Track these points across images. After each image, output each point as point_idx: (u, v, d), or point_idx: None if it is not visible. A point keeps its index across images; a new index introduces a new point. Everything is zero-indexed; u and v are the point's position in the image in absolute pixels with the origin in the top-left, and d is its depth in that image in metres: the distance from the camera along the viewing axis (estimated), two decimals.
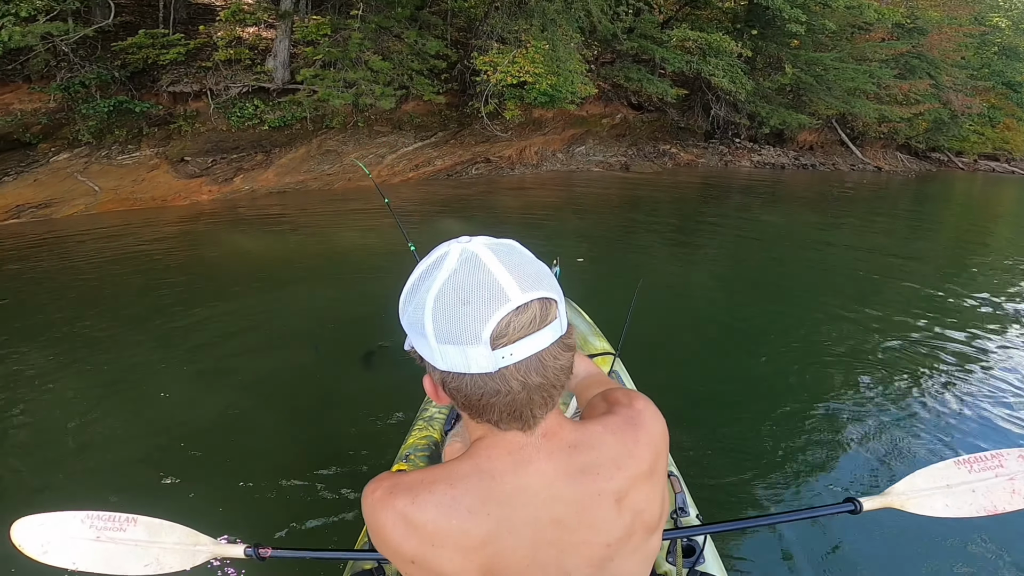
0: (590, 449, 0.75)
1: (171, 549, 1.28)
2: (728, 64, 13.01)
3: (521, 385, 0.66)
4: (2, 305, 4.78)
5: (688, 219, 9.06)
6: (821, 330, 4.55)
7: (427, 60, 9.27)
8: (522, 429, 0.71)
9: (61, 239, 7.17)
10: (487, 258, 0.65)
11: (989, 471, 1.29)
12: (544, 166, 12.25)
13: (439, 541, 0.71)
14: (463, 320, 0.63)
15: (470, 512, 0.71)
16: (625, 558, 0.78)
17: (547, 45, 9.35)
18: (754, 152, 15.31)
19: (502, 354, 0.64)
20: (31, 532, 1.25)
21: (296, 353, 3.81)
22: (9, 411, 3.15)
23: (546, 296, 0.66)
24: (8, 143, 8.08)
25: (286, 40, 8.17)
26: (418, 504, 0.71)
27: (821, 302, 5.23)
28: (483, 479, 0.72)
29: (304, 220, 8.17)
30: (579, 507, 0.74)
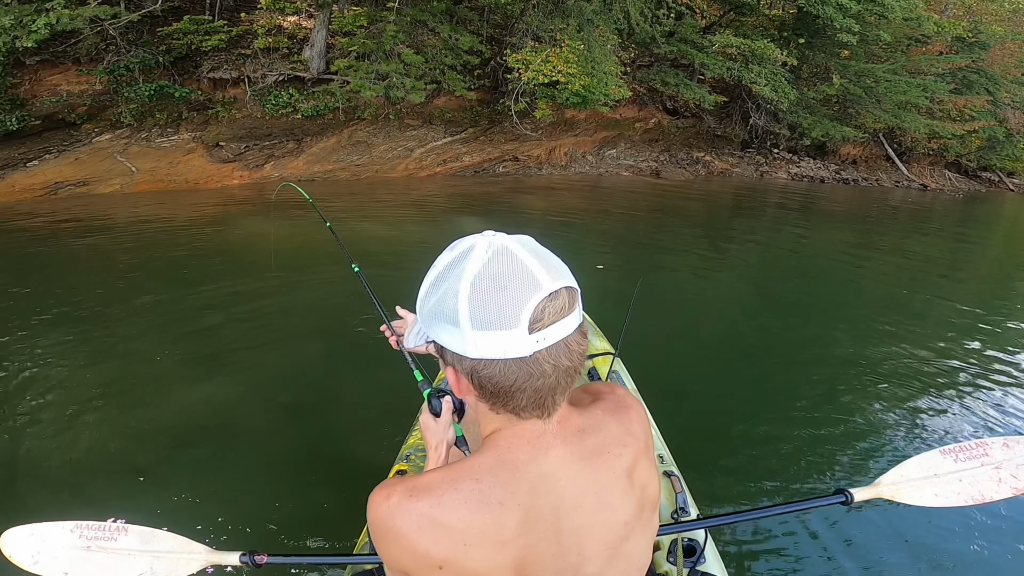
0: (596, 431, 0.79)
1: (164, 558, 1.27)
2: (771, 72, 12.74)
3: (553, 368, 0.69)
4: (12, 287, 4.99)
5: (718, 229, 8.94)
6: (827, 337, 4.60)
7: (460, 55, 9.36)
8: (541, 417, 0.74)
9: (93, 217, 7.47)
10: (517, 249, 0.69)
11: (975, 460, 1.32)
12: (572, 168, 12.24)
13: (472, 539, 0.71)
14: (502, 305, 0.66)
15: (501, 505, 0.71)
16: (637, 537, 0.82)
17: (582, 45, 9.33)
18: (792, 164, 14.97)
19: (536, 338, 0.67)
20: (21, 543, 1.25)
21: (299, 349, 3.82)
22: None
23: (571, 285, 0.70)
24: (53, 123, 8.50)
25: (323, 30, 8.38)
26: (445, 503, 0.71)
27: (841, 315, 5.20)
28: (507, 470, 0.73)
29: (328, 210, 8.35)
30: (597, 488, 0.77)
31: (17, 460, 2.73)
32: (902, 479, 1.34)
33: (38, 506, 2.40)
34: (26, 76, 8.02)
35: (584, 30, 9.62)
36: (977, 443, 1.34)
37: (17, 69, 7.85)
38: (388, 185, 9.91)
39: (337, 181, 9.94)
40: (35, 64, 7.96)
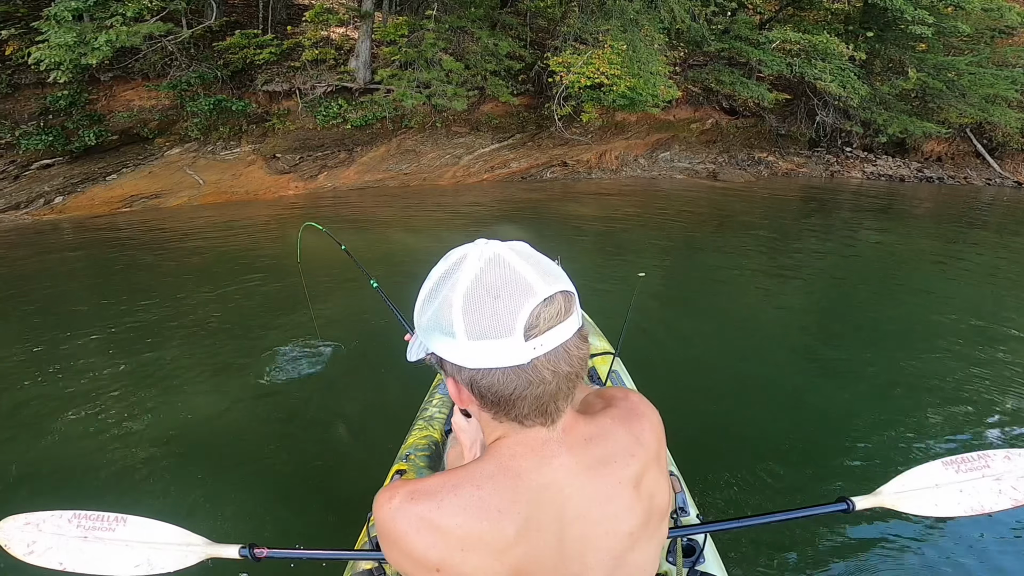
0: (604, 440, 0.79)
1: (162, 549, 1.27)
2: (837, 67, 12.16)
3: (552, 374, 0.69)
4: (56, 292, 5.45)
5: (783, 234, 8.50)
6: (845, 346, 4.41)
7: (502, 61, 9.50)
8: (545, 424, 0.73)
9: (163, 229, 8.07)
10: (509, 257, 0.69)
11: (976, 472, 1.34)
12: (624, 172, 12.08)
13: (469, 545, 0.71)
14: (495, 314, 0.66)
15: (500, 512, 0.72)
16: (643, 547, 0.81)
17: (625, 46, 9.23)
18: (867, 162, 14.11)
19: (534, 345, 0.67)
20: (16, 532, 1.25)
21: (304, 354, 3.93)
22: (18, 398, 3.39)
23: (567, 289, 0.70)
24: (129, 137, 9.29)
25: (367, 40, 8.76)
26: (444, 508, 0.72)
27: (905, 329, 4.85)
28: (509, 478, 0.73)
29: (377, 219, 8.62)
30: (602, 499, 0.77)
31: (26, 455, 2.86)
32: (903, 488, 1.35)
33: (39, 498, 2.47)
34: (102, 92, 8.83)
35: (628, 30, 9.53)
36: (979, 455, 1.35)
37: (93, 85, 8.66)
38: (436, 193, 10.14)
39: (387, 190, 10.28)
40: (109, 80, 8.75)
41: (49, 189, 8.74)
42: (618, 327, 2.34)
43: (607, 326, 3.05)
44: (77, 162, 8.90)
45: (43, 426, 3.15)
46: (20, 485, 2.72)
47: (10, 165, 8.43)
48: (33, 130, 8.18)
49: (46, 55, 6.38)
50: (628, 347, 3.12)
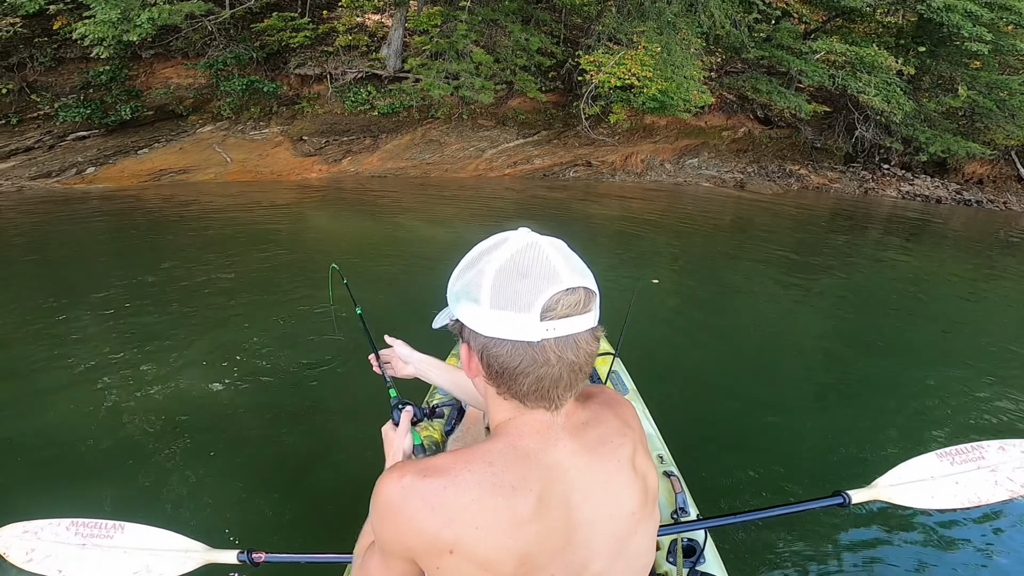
0: (598, 423, 0.83)
1: (161, 555, 1.28)
2: (883, 81, 11.85)
3: (557, 359, 0.73)
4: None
5: (806, 250, 8.34)
6: (836, 341, 4.49)
7: (533, 56, 9.47)
8: (548, 409, 0.77)
9: (188, 203, 8.27)
10: (545, 246, 0.75)
11: (971, 463, 1.35)
12: (648, 176, 11.97)
13: (484, 522, 0.72)
14: (519, 290, 0.72)
15: (514, 488, 0.73)
16: (643, 531, 0.84)
17: (659, 48, 9.13)
18: (904, 181, 13.71)
19: (547, 327, 0.71)
20: (15, 540, 1.26)
21: (310, 355, 3.91)
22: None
23: (590, 287, 0.75)
24: (164, 113, 9.56)
25: (400, 28, 8.84)
26: (459, 483, 0.72)
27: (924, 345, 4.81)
28: (519, 456, 0.76)
29: (394, 205, 8.72)
30: (605, 478, 0.80)
31: (18, 452, 2.85)
32: (899, 481, 1.37)
33: (34, 501, 2.46)
34: (142, 69, 9.09)
35: (664, 33, 9.41)
36: (973, 446, 1.36)
37: (134, 62, 8.92)
38: (456, 185, 10.21)
39: (407, 179, 10.39)
40: (150, 58, 9.01)
41: (82, 160, 9.06)
42: (632, 329, 2.37)
43: (612, 329, 3.00)
44: (112, 135, 9.21)
45: (37, 406, 3.18)
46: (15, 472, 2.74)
47: (46, 135, 8.76)
48: (72, 103, 8.47)
49: (91, 30, 6.61)
50: (636, 350, 3.20)
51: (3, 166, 8.59)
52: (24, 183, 8.67)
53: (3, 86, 7.92)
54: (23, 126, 8.59)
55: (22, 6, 6.91)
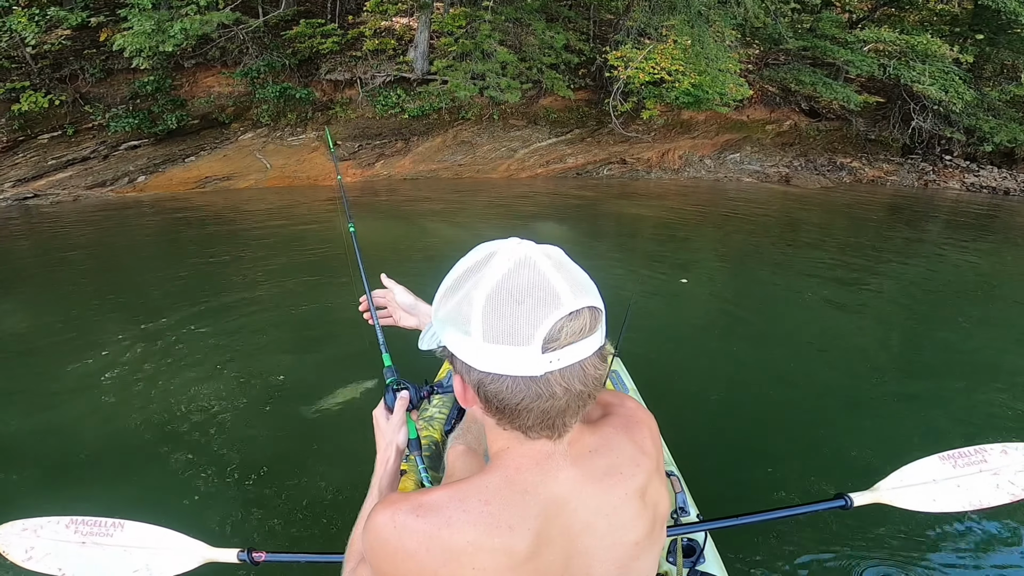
0: (609, 451, 0.78)
1: (160, 554, 1.28)
2: (940, 70, 11.30)
3: (564, 391, 0.66)
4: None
5: (857, 246, 7.88)
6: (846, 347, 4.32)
7: (560, 54, 9.44)
8: (551, 438, 0.72)
9: (231, 209, 8.65)
10: (540, 261, 0.66)
11: (973, 466, 1.35)
12: (686, 172, 11.72)
13: (480, 563, 0.69)
14: (516, 320, 0.64)
15: (511, 528, 0.70)
16: (646, 555, 0.81)
17: (689, 41, 8.93)
18: (969, 172, 12.90)
19: (550, 358, 0.64)
20: (14, 537, 1.27)
21: (312, 351, 3.99)
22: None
23: (595, 305, 0.68)
24: (208, 121, 10.04)
25: (426, 31, 9.00)
26: (454, 525, 0.69)
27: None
28: (516, 492, 0.72)
29: (425, 208, 8.85)
30: (609, 510, 0.76)
31: (26, 444, 2.96)
32: (901, 484, 1.37)
33: (33, 499, 2.54)
34: (185, 78, 9.58)
35: (695, 25, 9.20)
36: (976, 449, 1.36)
37: (178, 72, 9.41)
38: (487, 186, 10.30)
39: (439, 181, 10.55)
40: (192, 67, 9.50)
41: (133, 169, 9.63)
42: (641, 328, 2.35)
43: (633, 326, 3.01)
44: (160, 144, 9.74)
45: (53, 401, 3.34)
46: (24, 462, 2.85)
47: (101, 145, 9.35)
48: (122, 113, 9.00)
49: (128, 41, 7.04)
50: (647, 349, 3.29)
51: (61, 176, 9.22)
52: (80, 192, 9.29)
53: (57, 97, 8.48)
54: (79, 137, 9.19)
55: (65, 19, 7.41)
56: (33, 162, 9.07)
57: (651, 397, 2.32)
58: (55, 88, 8.72)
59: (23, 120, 8.60)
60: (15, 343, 4.23)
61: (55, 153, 9.21)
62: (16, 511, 1.36)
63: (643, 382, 2.49)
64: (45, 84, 8.68)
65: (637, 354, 3.30)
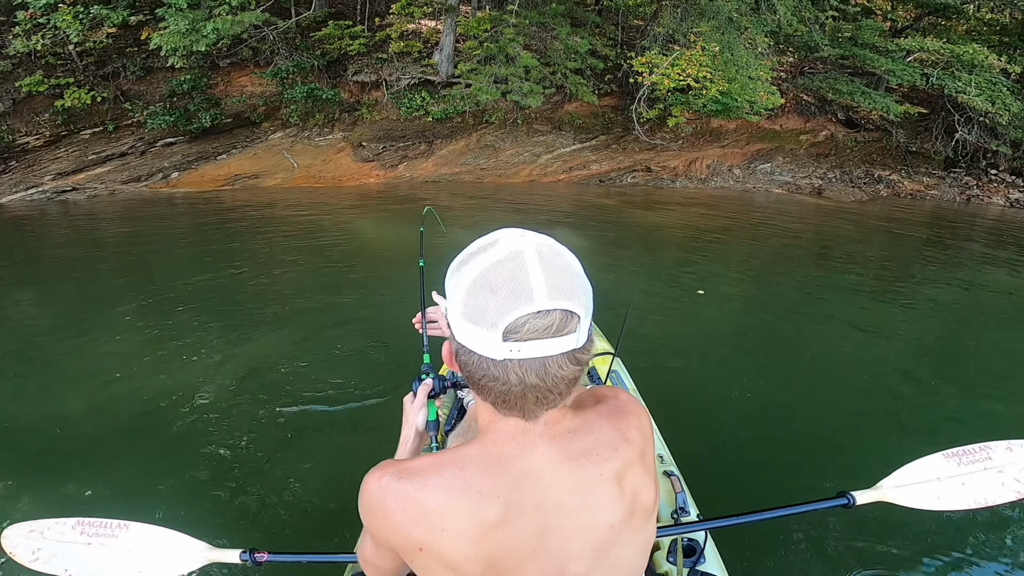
0: (587, 434, 0.82)
1: (164, 555, 1.31)
2: (987, 81, 10.86)
3: (518, 380, 0.72)
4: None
5: (889, 262, 7.64)
6: (840, 340, 4.34)
7: (584, 59, 9.43)
8: (522, 417, 0.78)
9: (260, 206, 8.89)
10: (530, 259, 0.71)
11: (978, 463, 1.33)
12: (713, 181, 11.54)
13: (450, 524, 0.76)
14: (488, 307, 0.70)
15: (480, 494, 0.77)
16: (626, 542, 0.84)
17: (717, 47, 8.81)
18: (1014, 188, 12.35)
19: (510, 347, 0.70)
20: (21, 539, 1.29)
21: (321, 349, 4.05)
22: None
23: (570, 309, 0.71)
24: (240, 120, 10.38)
25: (451, 34, 9.12)
26: (429, 487, 0.77)
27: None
28: (491, 462, 0.78)
29: (445, 212, 8.90)
30: (583, 489, 0.80)
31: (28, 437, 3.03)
32: (904, 482, 1.36)
33: (39, 499, 2.56)
34: (220, 78, 9.93)
35: (725, 32, 9.07)
36: (980, 446, 1.35)
37: (214, 71, 9.76)
38: (508, 190, 10.35)
39: (461, 184, 10.65)
40: (227, 67, 9.83)
41: (168, 165, 10.03)
42: (647, 335, 2.37)
43: (640, 334, 3.35)
44: (195, 142, 10.12)
45: (59, 393, 3.43)
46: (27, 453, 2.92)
47: (139, 141, 9.77)
48: (159, 110, 9.38)
49: (165, 40, 7.36)
50: (650, 353, 3.28)
51: (99, 170, 9.66)
52: (116, 187, 9.72)
53: (99, 94, 8.89)
54: (118, 133, 9.62)
55: (108, 17, 7.76)
56: (74, 156, 9.54)
57: (654, 400, 2.31)
58: (98, 85, 9.15)
59: (66, 115, 9.05)
60: (31, 333, 4.42)
61: (95, 148, 9.66)
62: (19, 505, 1.40)
63: (646, 386, 2.51)
64: (89, 81, 9.13)
65: (641, 361, 3.34)
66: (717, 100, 9.36)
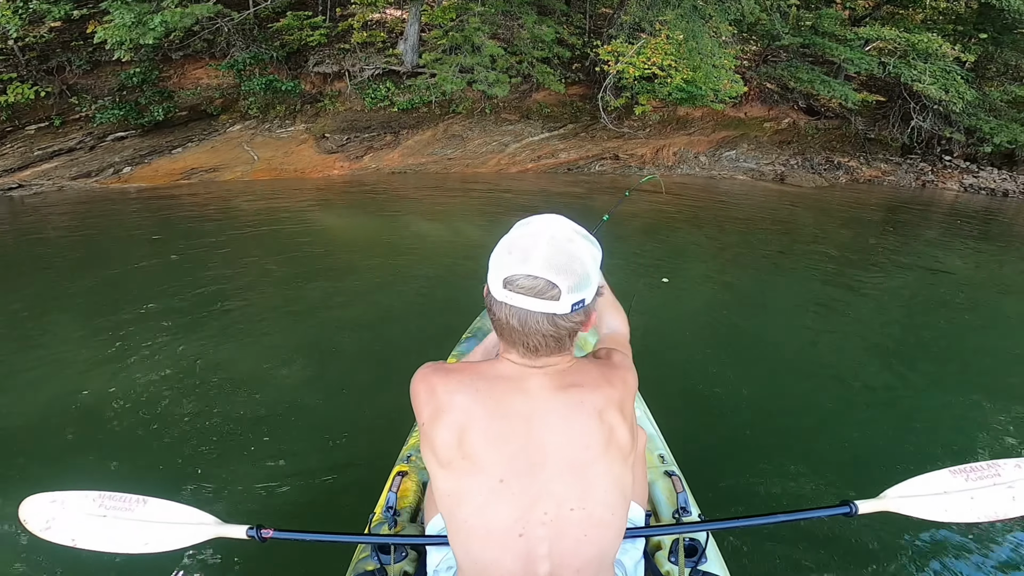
0: (577, 373, 1.04)
1: (173, 528, 1.33)
2: (941, 69, 11.23)
3: (505, 320, 0.98)
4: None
5: (849, 247, 7.83)
6: (848, 348, 4.30)
7: (550, 48, 9.42)
8: (523, 355, 1.01)
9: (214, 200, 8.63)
10: (543, 238, 0.97)
11: (987, 479, 1.34)
12: (680, 168, 11.70)
13: (446, 405, 1.00)
14: (501, 261, 0.98)
15: (477, 391, 1.01)
16: (601, 473, 1.00)
17: (681, 35, 8.90)
18: (968, 173, 12.86)
19: (505, 294, 0.96)
20: (40, 508, 1.31)
21: (329, 340, 4.08)
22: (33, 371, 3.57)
23: (554, 281, 0.95)
24: (196, 113, 10.05)
25: (416, 24, 8.97)
26: (446, 378, 1.03)
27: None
28: (494, 372, 1.03)
29: (412, 206, 8.85)
30: (566, 411, 1.00)
31: (38, 429, 3.05)
32: (909, 493, 1.37)
33: (53, 477, 2.64)
34: (174, 70, 9.57)
35: (689, 20, 9.16)
36: (989, 464, 1.36)
37: (166, 64, 9.39)
38: (474, 180, 10.27)
39: (427, 174, 10.54)
40: (180, 59, 9.47)
41: (119, 160, 9.65)
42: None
43: None
44: (148, 135, 9.76)
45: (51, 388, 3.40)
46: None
47: (87, 136, 9.37)
48: (109, 104, 9.01)
49: (109, 34, 7.05)
50: (640, 350, 3.11)
51: (46, 166, 9.25)
52: (65, 183, 9.32)
53: (43, 89, 8.50)
54: (66, 128, 9.22)
55: (48, 12, 7.42)
56: (19, 152, 9.10)
57: (652, 396, 2.36)
58: (42, 80, 8.73)
59: (10, 111, 8.63)
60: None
61: (41, 144, 9.23)
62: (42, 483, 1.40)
63: (643, 381, 2.49)
64: (32, 76, 8.69)
65: (636, 354, 3.32)
66: (682, 88, 9.46)
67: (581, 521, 0.97)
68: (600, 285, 1.04)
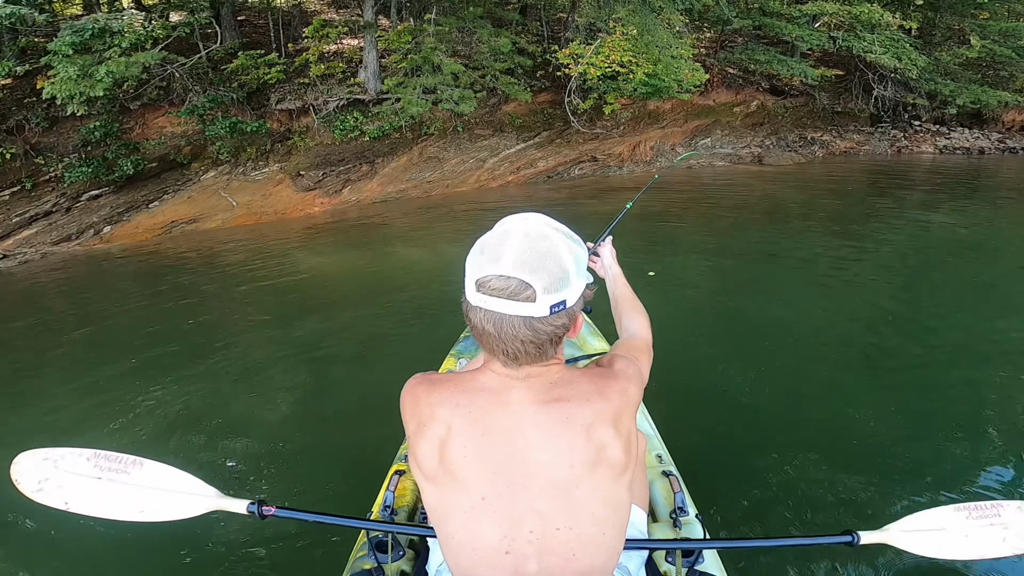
0: (566, 386, 0.98)
1: (171, 496, 1.28)
2: (889, 39, 11.50)
3: (480, 325, 0.93)
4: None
5: (839, 221, 7.78)
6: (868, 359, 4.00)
7: (511, 58, 9.53)
8: (504, 364, 0.96)
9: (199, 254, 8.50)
10: (515, 236, 0.92)
11: (985, 519, 1.36)
12: (659, 162, 11.78)
13: (426, 419, 0.98)
14: (473, 262, 0.93)
15: (458, 406, 0.97)
16: (589, 490, 0.94)
17: (635, 30, 9.03)
18: (940, 135, 13.06)
19: (479, 297, 0.91)
20: (32, 467, 1.25)
21: (320, 376, 4.14)
22: None
23: (528, 281, 0.89)
24: (166, 163, 9.99)
25: (373, 51, 9.05)
26: (428, 393, 1.00)
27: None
28: (477, 386, 0.98)
29: (397, 234, 8.77)
30: (549, 427, 0.94)
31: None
32: (911, 528, 1.38)
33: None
34: (134, 121, 9.52)
35: (639, 13, 9.31)
36: (993, 504, 1.38)
37: (125, 115, 9.34)
38: (456, 200, 10.24)
39: (409, 201, 10.50)
40: (139, 108, 9.44)
41: (98, 219, 9.55)
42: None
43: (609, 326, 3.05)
44: (122, 191, 9.65)
45: None
46: None
47: (61, 198, 9.28)
48: (75, 162, 8.93)
49: (57, 89, 6.99)
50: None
51: (27, 233, 9.12)
52: (47, 248, 9.18)
53: (7, 151, 8.41)
54: (38, 190, 9.11)
55: None
56: None
57: (649, 398, 2.29)
58: (4, 141, 8.64)
59: None
60: None
61: (17, 210, 9.11)
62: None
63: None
64: None
65: None
66: (645, 82, 9.56)
67: (569, 541, 0.93)
68: (589, 287, 0.99)
